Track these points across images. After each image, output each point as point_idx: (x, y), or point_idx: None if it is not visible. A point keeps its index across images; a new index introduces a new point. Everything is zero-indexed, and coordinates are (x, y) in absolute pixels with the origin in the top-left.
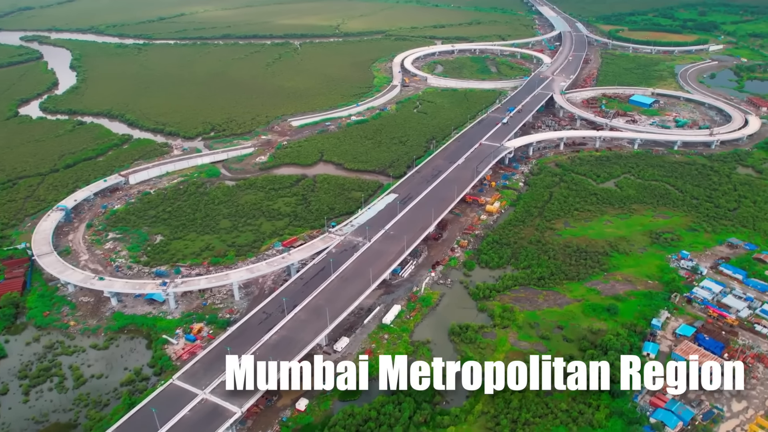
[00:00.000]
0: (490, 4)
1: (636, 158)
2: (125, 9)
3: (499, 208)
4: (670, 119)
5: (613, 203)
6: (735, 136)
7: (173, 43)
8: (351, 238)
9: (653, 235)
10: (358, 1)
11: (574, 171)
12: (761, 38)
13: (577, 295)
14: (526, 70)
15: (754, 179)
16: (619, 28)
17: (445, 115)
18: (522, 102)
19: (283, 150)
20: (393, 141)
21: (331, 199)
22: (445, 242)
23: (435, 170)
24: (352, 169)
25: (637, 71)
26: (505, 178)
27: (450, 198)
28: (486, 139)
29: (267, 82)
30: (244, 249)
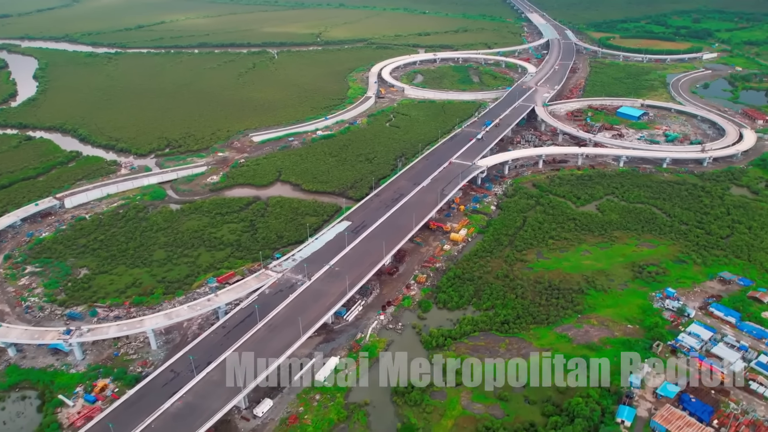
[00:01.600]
0: (479, 11)
1: (621, 177)
2: (105, 17)
3: (466, 236)
4: (659, 133)
5: (592, 230)
6: (728, 153)
7: (146, 52)
8: (290, 275)
9: (636, 268)
10: (345, 8)
11: (552, 192)
12: (757, 46)
13: (544, 343)
14: (510, 80)
15: (749, 201)
16: (610, 36)
17: (418, 130)
18: (500, 115)
19: (239, 169)
20: (359, 158)
21: (281, 226)
22: (402, 277)
23: (397, 193)
24: (309, 190)
25: (627, 81)
26: (476, 200)
27: (409, 227)
28: (457, 157)
29: (236, 94)
30: (175, 286)
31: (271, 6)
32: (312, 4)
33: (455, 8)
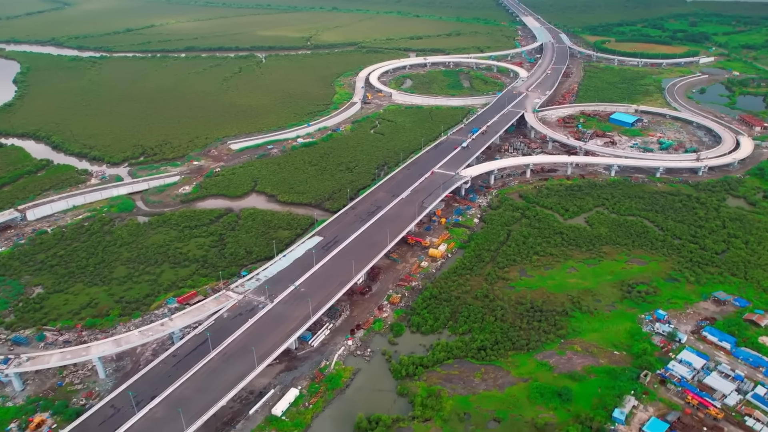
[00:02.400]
0: (474, 14)
1: (612, 187)
2: (95, 20)
3: (445, 252)
4: (653, 140)
5: (580, 245)
6: (725, 161)
7: (132, 56)
8: (251, 297)
9: (625, 287)
10: (338, 12)
11: (540, 204)
12: (755, 50)
13: (523, 373)
14: (501, 85)
15: (745, 213)
16: (605, 39)
17: (403, 137)
18: (488, 122)
19: (213, 179)
20: (339, 167)
21: (252, 240)
22: (375, 297)
23: (374, 206)
24: (285, 201)
25: (622, 86)
26: (458, 213)
27: (384, 243)
28: (440, 166)
29: (218, 99)
30: (132, 306)
31: (263, 9)
32: (305, 8)
33: (449, 12)
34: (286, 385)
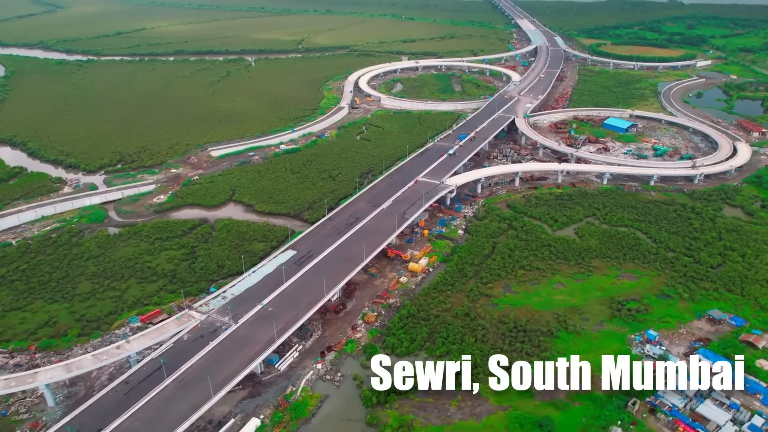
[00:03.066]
0: (469, 17)
1: (604, 196)
2: (86, 23)
3: (426, 266)
4: (648, 147)
5: (569, 258)
6: (721, 169)
7: (119, 60)
8: (215, 317)
9: (614, 304)
10: (332, 14)
11: (528, 214)
12: (753, 53)
13: (503, 400)
14: (494, 89)
15: (742, 224)
16: (601, 42)
17: (390, 143)
18: (477, 128)
19: (190, 187)
20: (322, 175)
21: (225, 253)
22: (349, 315)
23: (353, 217)
24: (262, 211)
25: (617, 89)
26: (442, 224)
27: (361, 257)
28: (424, 174)
29: (203, 104)
30: (93, 325)
31: (256, 12)
32: (299, 11)
33: (444, 14)
34: (247, 414)
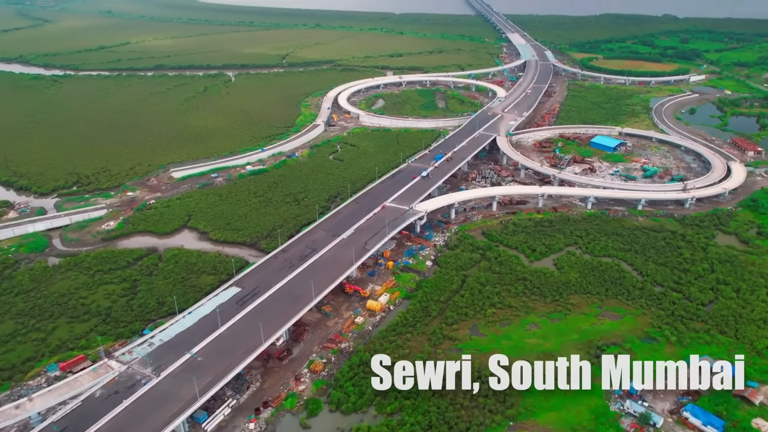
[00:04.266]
0: (460, 31)
1: (587, 222)
2: (70, 37)
3: (386, 305)
4: (637, 167)
5: (545, 294)
6: (714, 192)
7: (96, 75)
8: (136, 369)
9: (593, 349)
10: (321, 29)
11: (504, 242)
12: (747, 67)
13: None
14: (479, 105)
15: (737, 254)
16: (593, 56)
17: (364, 163)
18: (455, 147)
19: (144, 212)
20: (286, 199)
21: (167, 288)
22: (295, 363)
23: (309, 248)
24: (217, 240)
25: (607, 105)
26: (410, 254)
27: (311, 295)
28: (393, 199)
29: (174, 121)
30: (5, 374)
31: (245, 27)
32: (288, 25)
33: (435, 28)
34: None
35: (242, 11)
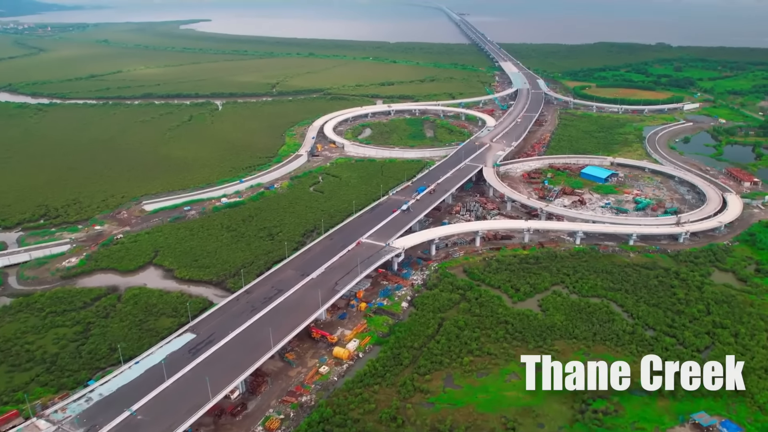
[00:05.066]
0: (454, 60)
1: (575, 259)
2: (63, 66)
3: (355, 352)
4: (629, 199)
5: (528, 339)
6: (709, 226)
7: (82, 103)
8: (66, 430)
9: (578, 403)
10: (314, 57)
11: (486, 281)
12: (741, 95)
13: None
14: (468, 134)
15: (735, 293)
16: (586, 85)
17: (345, 195)
18: (439, 179)
19: (110, 248)
20: (260, 234)
21: (122, 332)
22: (249, 419)
23: (275, 288)
24: (182, 278)
25: (599, 135)
26: (385, 294)
27: (268, 343)
28: (370, 235)
29: (154, 151)
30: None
31: (238, 55)
32: (281, 54)
33: (428, 57)
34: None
35: (237, 40)
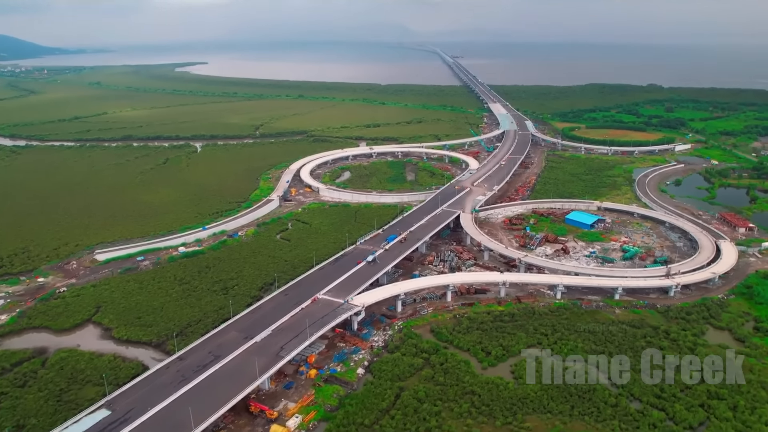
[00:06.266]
0: (443, 101)
1: (555, 316)
2: (49, 108)
3: (297, 430)
4: (616, 247)
5: (495, 413)
6: (702, 277)
7: (59, 145)
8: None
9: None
10: (304, 99)
11: (454, 343)
12: (733, 136)
13: None
14: (450, 177)
15: (732, 356)
16: (575, 126)
17: (312, 244)
18: (413, 226)
19: (49, 303)
20: (214, 287)
21: (37, 405)
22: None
23: (213, 354)
24: (120, 338)
25: (587, 177)
26: (340, 359)
27: (200, 418)
28: (329, 289)
29: (122, 195)
30: None
31: (227, 98)
32: (271, 96)
33: (419, 99)
34: None
35: (228, 82)
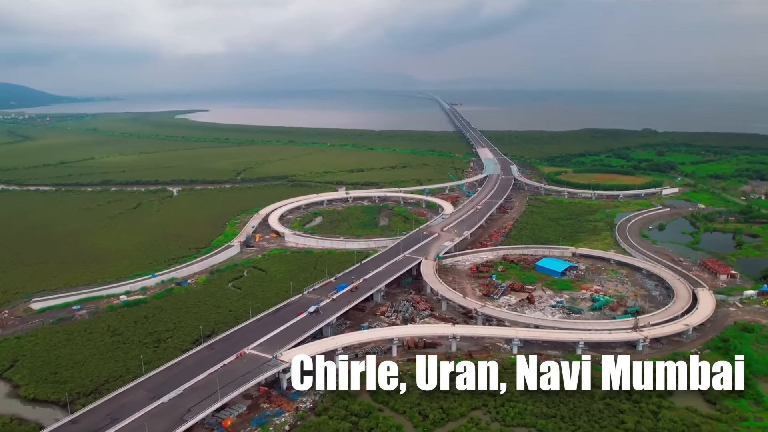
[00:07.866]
0: (433, 147)
1: (507, 374)
2: (39, 154)
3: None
4: (586, 296)
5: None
6: (674, 330)
7: (34, 189)
8: None
9: None
10: (294, 145)
11: (390, 405)
12: (723, 180)
13: None
14: (423, 222)
15: (700, 423)
16: (562, 170)
17: (262, 293)
18: (369, 273)
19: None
20: (146, 339)
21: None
22: None
23: (110, 417)
24: (27, 396)
25: (566, 222)
26: (259, 422)
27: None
28: (260, 343)
29: (81, 240)
30: None
31: (218, 143)
32: (261, 141)
33: (408, 144)
34: None
35: (221, 129)
